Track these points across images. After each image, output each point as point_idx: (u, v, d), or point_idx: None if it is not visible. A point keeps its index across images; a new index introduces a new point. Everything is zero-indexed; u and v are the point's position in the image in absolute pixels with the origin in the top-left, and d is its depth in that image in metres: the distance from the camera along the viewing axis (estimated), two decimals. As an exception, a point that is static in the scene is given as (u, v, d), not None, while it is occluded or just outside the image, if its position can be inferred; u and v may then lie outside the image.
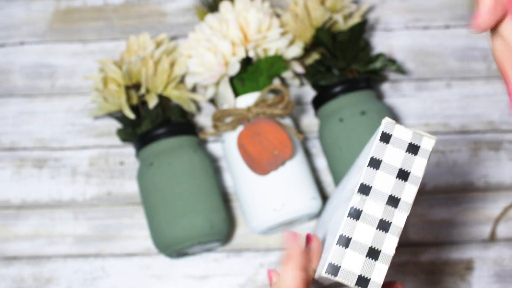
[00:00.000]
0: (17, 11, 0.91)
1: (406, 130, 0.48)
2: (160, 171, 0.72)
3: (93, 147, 0.83)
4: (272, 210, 0.71)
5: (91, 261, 0.77)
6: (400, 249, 0.76)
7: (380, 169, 0.47)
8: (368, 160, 0.47)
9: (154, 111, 0.76)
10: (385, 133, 0.48)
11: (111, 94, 0.77)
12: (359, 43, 0.79)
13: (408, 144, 0.48)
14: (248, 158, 0.71)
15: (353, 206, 0.47)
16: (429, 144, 0.48)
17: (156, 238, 0.72)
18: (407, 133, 0.48)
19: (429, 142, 0.48)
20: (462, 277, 0.75)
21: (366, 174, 0.47)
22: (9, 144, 0.83)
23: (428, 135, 0.48)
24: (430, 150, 0.48)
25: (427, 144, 0.48)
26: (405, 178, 0.47)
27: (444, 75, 0.85)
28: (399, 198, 0.47)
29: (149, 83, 0.77)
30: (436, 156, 0.81)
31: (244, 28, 0.75)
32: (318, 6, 0.79)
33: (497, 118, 0.82)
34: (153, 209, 0.72)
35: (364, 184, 0.47)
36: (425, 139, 0.48)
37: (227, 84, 0.75)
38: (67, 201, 0.80)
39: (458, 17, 0.88)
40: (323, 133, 0.76)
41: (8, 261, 0.78)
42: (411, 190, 0.47)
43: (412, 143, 0.48)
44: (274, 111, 0.73)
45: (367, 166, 0.47)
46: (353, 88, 0.75)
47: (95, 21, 0.90)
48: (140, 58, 0.76)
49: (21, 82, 0.87)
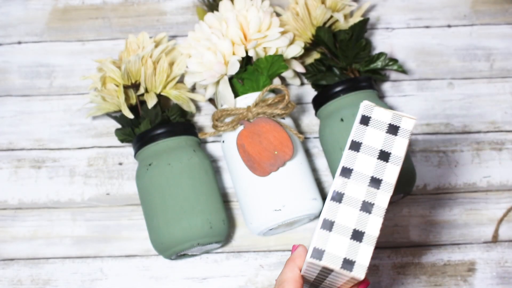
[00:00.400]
0: (15, 10, 0.90)
1: (385, 112, 0.48)
2: (159, 172, 0.72)
3: (91, 148, 0.82)
4: (272, 211, 0.70)
5: (90, 263, 0.77)
6: (401, 250, 0.76)
7: (361, 151, 0.47)
8: (349, 143, 0.47)
9: (153, 111, 0.76)
10: (364, 115, 0.48)
11: (109, 93, 0.76)
12: (360, 42, 0.78)
13: (388, 125, 0.48)
14: (248, 159, 0.71)
15: (335, 189, 0.47)
16: (409, 124, 0.48)
17: (155, 240, 0.71)
18: (386, 114, 0.48)
19: (408, 122, 0.48)
20: (464, 279, 0.75)
21: (347, 157, 0.47)
22: (7, 144, 0.83)
23: (408, 115, 0.48)
24: (410, 130, 0.48)
25: (407, 124, 0.48)
26: (386, 159, 0.47)
27: (446, 75, 0.85)
28: (381, 179, 0.47)
29: (148, 83, 0.77)
30: (438, 156, 0.80)
31: (244, 27, 0.75)
32: (318, 5, 0.78)
33: (500, 118, 0.82)
34: (151, 210, 0.71)
35: (345, 167, 0.47)
36: (405, 119, 0.48)
37: (226, 84, 0.75)
38: (65, 202, 0.80)
39: (460, 16, 0.87)
40: (324, 133, 0.75)
41: (5, 263, 0.77)
42: (393, 171, 0.47)
43: (392, 124, 0.48)
44: (274, 111, 0.73)
45: (348, 149, 0.47)
46: (354, 88, 0.75)
47: (93, 20, 0.89)
48: (139, 57, 0.75)
49: (19, 81, 0.86)
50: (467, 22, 0.87)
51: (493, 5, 0.88)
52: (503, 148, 0.80)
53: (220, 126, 0.74)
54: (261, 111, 0.73)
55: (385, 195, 0.47)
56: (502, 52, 0.85)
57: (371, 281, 0.75)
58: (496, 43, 0.86)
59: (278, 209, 0.70)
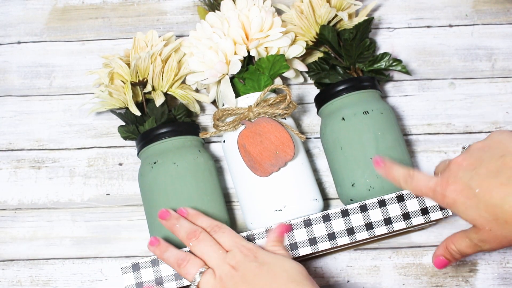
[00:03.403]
0: (14, 10, 0.90)
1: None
2: (164, 170, 0.71)
3: (91, 148, 0.82)
4: (273, 211, 0.70)
5: (89, 263, 0.77)
6: (402, 251, 0.76)
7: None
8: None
9: (160, 109, 0.76)
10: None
11: (116, 89, 0.76)
12: (364, 41, 0.78)
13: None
14: (249, 159, 0.71)
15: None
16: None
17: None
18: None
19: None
20: (465, 280, 0.75)
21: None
22: (6, 144, 0.83)
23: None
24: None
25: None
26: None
27: (447, 75, 0.84)
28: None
29: (155, 81, 0.77)
30: (439, 156, 0.80)
31: (245, 27, 0.75)
32: (323, 3, 0.78)
33: (501, 118, 0.82)
34: (154, 209, 0.71)
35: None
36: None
37: (228, 83, 0.75)
38: (65, 203, 0.79)
39: (461, 16, 0.87)
40: (325, 132, 0.75)
41: (5, 264, 0.77)
42: None
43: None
44: (275, 111, 0.72)
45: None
46: (357, 87, 0.75)
47: (93, 19, 0.89)
48: (149, 54, 0.75)
49: (18, 81, 0.86)
50: (468, 22, 0.87)
51: (495, 5, 0.88)
52: (504, 148, 0.80)
53: (221, 126, 0.74)
54: (262, 111, 0.72)
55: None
56: (503, 52, 0.85)
57: (372, 282, 0.75)
58: (497, 43, 0.86)
59: (279, 209, 0.70)
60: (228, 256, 0.63)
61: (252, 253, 0.63)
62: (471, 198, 0.59)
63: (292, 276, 0.60)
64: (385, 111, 0.74)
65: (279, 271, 0.61)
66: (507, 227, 0.57)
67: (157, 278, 0.67)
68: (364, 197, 0.71)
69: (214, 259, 0.63)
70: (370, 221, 0.69)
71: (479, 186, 0.58)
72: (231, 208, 0.79)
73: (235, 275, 0.61)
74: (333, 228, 0.69)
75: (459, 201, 0.60)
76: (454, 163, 0.61)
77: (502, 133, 0.61)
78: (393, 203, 0.69)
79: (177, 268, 0.64)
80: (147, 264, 0.68)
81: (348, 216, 0.69)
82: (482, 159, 0.59)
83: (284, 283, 0.59)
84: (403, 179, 0.65)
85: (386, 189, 0.70)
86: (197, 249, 0.65)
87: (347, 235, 0.68)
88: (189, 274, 0.63)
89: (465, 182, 0.59)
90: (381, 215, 0.69)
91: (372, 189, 0.70)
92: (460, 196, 0.59)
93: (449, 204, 0.61)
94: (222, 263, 0.63)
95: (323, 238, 0.68)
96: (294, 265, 0.62)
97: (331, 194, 0.79)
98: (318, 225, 0.69)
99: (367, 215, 0.69)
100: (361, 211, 0.69)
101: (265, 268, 0.61)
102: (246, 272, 0.61)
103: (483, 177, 0.58)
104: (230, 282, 0.61)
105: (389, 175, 0.67)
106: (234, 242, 0.65)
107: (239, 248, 0.64)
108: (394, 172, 0.66)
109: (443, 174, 0.62)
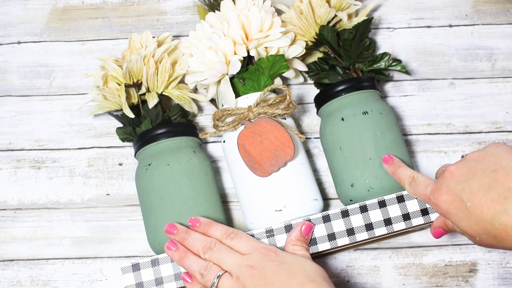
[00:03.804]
0: (14, 10, 0.90)
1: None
2: (158, 172, 0.71)
3: (91, 148, 0.82)
4: (273, 211, 0.70)
5: (89, 263, 0.77)
6: (402, 251, 0.76)
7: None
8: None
9: (154, 111, 0.76)
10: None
11: (111, 92, 0.76)
12: (364, 41, 0.78)
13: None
14: (249, 159, 0.71)
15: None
16: None
17: (152, 240, 0.71)
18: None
19: None
20: (465, 280, 0.74)
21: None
22: (6, 144, 0.83)
23: None
24: None
25: None
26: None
27: (447, 75, 0.84)
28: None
29: (149, 82, 0.77)
30: (439, 156, 0.80)
31: (245, 27, 0.75)
32: (323, 3, 0.78)
33: (501, 118, 0.82)
34: (150, 210, 0.71)
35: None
36: None
37: (227, 83, 0.75)
38: (65, 203, 0.79)
39: (461, 16, 0.87)
40: (324, 132, 0.75)
41: (5, 264, 0.77)
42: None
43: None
44: (275, 111, 0.72)
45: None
46: (356, 87, 0.74)
47: (93, 19, 0.89)
48: (141, 56, 0.75)
49: (18, 81, 0.86)
50: (468, 22, 0.87)
51: (495, 5, 0.88)
52: (504, 149, 0.80)
53: (221, 126, 0.74)
54: (262, 111, 0.72)
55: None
56: (503, 52, 0.85)
57: (372, 282, 0.75)
58: (497, 43, 0.85)
59: (279, 209, 0.70)
60: (245, 258, 0.63)
61: (272, 252, 0.63)
62: (462, 210, 0.60)
63: (311, 276, 0.60)
64: (384, 111, 0.74)
65: (298, 270, 0.61)
66: (495, 240, 0.59)
67: (157, 278, 0.67)
68: (364, 197, 0.71)
69: (231, 262, 0.63)
70: (370, 222, 0.69)
71: (470, 200, 0.59)
72: (231, 208, 0.79)
73: (254, 273, 0.61)
74: (333, 228, 0.69)
75: (451, 212, 0.61)
76: (448, 171, 0.62)
77: (498, 146, 0.62)
78: (393, 203, 0.69)
79: (199, 277, 0.64)
80: (147, 264, 0.68)
81: (348, 217, 0.69)
82: (475, 171, 0.60)
83: (303, 281, 0.60)
84: (408, 181, 0.67)
85: (386, 190, 0.70)
86: (213, 258, 0.64)
87: (347, 236, 0.68)
88: (209, 281, 0.63)
89: (457, 194, 0.60)
90: (381, 216, 0.69)
91: (371, 190, 0.70)
92: (452, 207, 0.61)
93: (442, 213, 0.63)
94: (239, 265, 0.63)
95: (323, 238, 0.68)
96: (314, 266, 0.62)
97: (331, 194, 0.79)
98: (318, 226, 0.69)
99: (367, 215, 0.69)
100: (361, 211, 0.69)
101: (285, 267, 0.61)
102: (265, 270, 0.61)
103: (474, 191, 0.59)
104: (248, 280, 0.61)
105: (396, 174, 0.68)
106: (252, 246, 0.65)
107: (258, 250, 0.64)
108: (401, 172, 0.68)
109: (437, 182, 0.63)
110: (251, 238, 0.66)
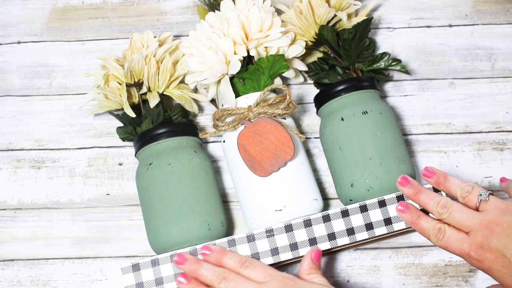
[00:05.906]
0: (14, 10, 0.90)
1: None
2: (159, 172, 0.71)
3: (91, 148, 0.82)
4: (273, 211, 0.70)
5: (89, 263, 0.77)
6: (402, 251, 0.76)
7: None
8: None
9: (155, 110, 0.76)
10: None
11: (112, 91, 0.76)
12: (364, 41, 0.78)
13: None
14: (249, 159, 0.71)
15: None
16: None
17: (153, 240, 0.71)
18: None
19: None
20: (465, 279, 0.75)
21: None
22: (6, 144, 0.83)
23: None
24: None
25: None
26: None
27: (447, 75, 0.84)
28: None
29: (151, 82, 0.77)
30: (439, 156, 0.80)
31: (245, 27, 0.75)
32: (322, 3, 0.78)
33: (501, 118, 0.82)
34: (150, 210, 0.71)
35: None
36: None
37: (227, 83, 0.75)
38: (65, 203, 0.79)
39: (461, 16, 0.87)
40: (324, 132, 0.75)
41: (5, 264, 0.77)
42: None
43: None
44: (275, 111, 0.72)
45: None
46: (356, 87, 0.74)
47: (93, 19, 0.89)
48: (142, 56, 0.75)
49: (18, 81, 0.86)
50: (468, 22, 0.87)
51: (495, 5, 0.88)
52: (504, 149, 0.80)
53: (221, 126, 0.74)
54: (262, 111, 0.72)
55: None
56: (503, 52, 0.85)
57: (372, 282, 0.75)
58: (497, 43, 0.85)
59: (278, 209, 0.70)
60: (263, 286, 0.62)
61: (289, 281, 0.62)
62: (506, 267, 0.61)
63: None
64: (384, 111, 0.74)
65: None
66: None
67: (157, 278, 0.67)
68: (363, 197, 0.71)
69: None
70: (370, 221, 0.69)
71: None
72: (230, 208, 0.79)
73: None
74: (333, 228, 0.69)
75: (494, 269, 0.62)
76: (485, 226, 0.62)
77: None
78: (393, 203, 0.69)
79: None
80: (147, 264, 0.68)
81: (348, 216, 0.69)
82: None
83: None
84: (433, 234, 0.65)
85: (385, 190, 0.70)
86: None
87: (347, 235, 0.68)
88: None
89: (500, 251, 0.61)
90: (381, 216, 0.69)
91: (371, 189, 0.70)
92: (495, 264, 0.62)
93: (483, 269, 0.63)
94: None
95: (323, 238, 0.68)
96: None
97: (331, 194, 0.79)
98: (318, 225, 0.69)
99: (367, 215, 0.69)
100: (361, 211, 0.69)
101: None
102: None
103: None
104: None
105: (417, 225, 0.67)
106: (268, 274, 0.63)
107: (275, 278, 0.62)
108: (423, 223, 0.66)
109: (475, 238, 0.63)
110: (266, 266, 0.64)
